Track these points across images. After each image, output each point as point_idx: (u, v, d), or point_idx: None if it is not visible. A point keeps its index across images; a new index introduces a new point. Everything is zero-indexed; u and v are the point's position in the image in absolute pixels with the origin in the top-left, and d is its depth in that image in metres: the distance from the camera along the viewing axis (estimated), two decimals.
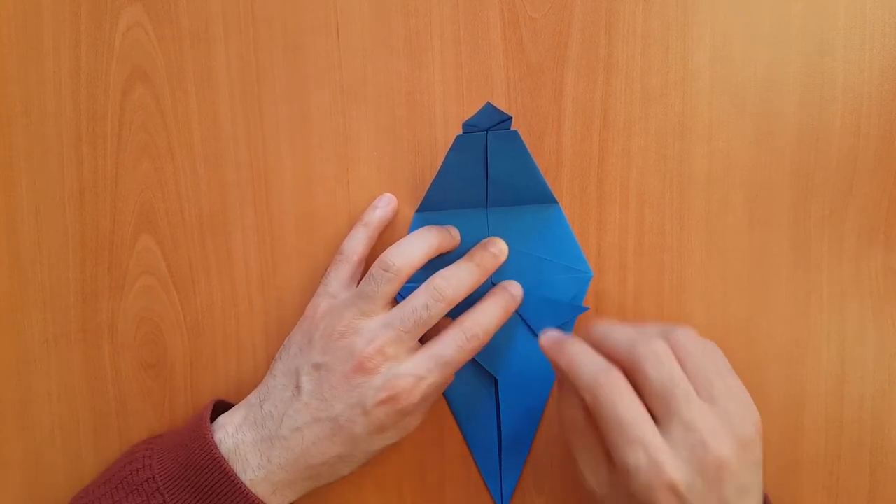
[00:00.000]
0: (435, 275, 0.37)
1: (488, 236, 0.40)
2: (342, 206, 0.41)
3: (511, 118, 0.35)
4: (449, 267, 0.38)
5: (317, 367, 0.36)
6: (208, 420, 0.37)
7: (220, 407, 0.40)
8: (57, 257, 0.42)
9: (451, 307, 0.37)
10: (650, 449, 0.32)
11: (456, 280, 0.37)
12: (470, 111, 0.41)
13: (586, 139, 0.40)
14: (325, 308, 0.38)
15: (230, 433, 0.36)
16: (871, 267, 0.40)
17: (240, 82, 0.41)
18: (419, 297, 0.36)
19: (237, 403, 0.39)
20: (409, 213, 0.41)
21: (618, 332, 0.35)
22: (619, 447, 0.32)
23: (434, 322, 0.36)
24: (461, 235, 0.40)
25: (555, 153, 0.41)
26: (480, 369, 0.41)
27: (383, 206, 0.41)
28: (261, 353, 0.42)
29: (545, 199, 0.40)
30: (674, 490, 0.32)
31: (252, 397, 0.38)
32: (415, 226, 0.41)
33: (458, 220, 0.40)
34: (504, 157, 0.37)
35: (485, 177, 0.38)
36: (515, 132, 0.36)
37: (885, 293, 0.40)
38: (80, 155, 0.42)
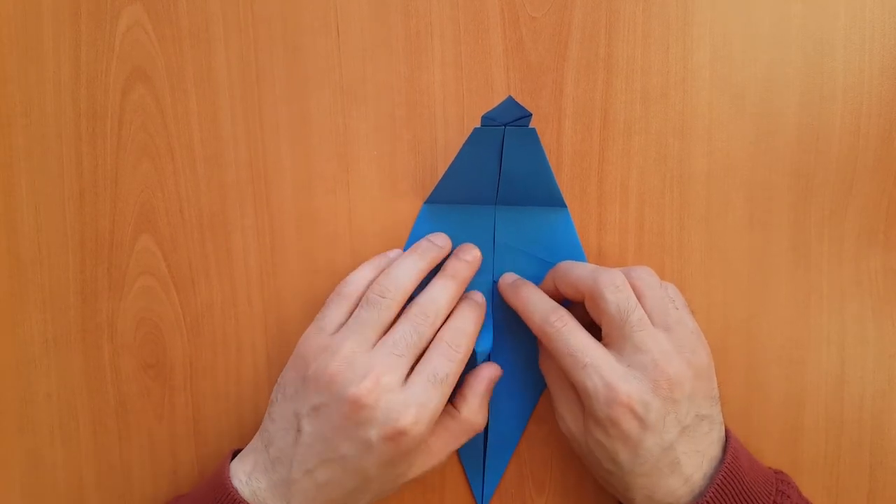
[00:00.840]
0: (414, 300, 0.37)
1: (494, 234, 0.40)
2: (342, 206, 0.41)
3: (531, 115, 0.35)
4: (426, 288, 0.37)
5: (315, 408, 0.35)
6: (228, 471, 0.36)
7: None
8: (57, 257, 0.42)
9: (439, 324, 0.36)
10: (602, 371, 0.34)
11: (433, 301, 0.37)
12: (470, 111, 0.41)
13: (586, 139, 0.40)
14: (318, 345, 0.36)
15: (244, 481, 0.35)
16: (871, 267, 0.40)
17: (240, 82, 0.41)
18: (405, 323, 0.36)
19: (245, 448, 0.38)
20: (408, 213, 0.41)
21: (580, 268, 0.37)
22: (575, 375, 0.35)
23: (424, 345, 0.36)
24: (468, 231, 0.40)
25: (555, 153, 0.41)
26: (472, 364, 0.41)
27: (396, 257, 0.40)
28: (261, 353, 0.42)
29: (555, 202, 0.40)
30: (630, 408, 0.33)
31: (257, 443, 0.37)
32: (422, 217, 0.41)
33: (466, 215, 0.40)
34: (519, 155, 0.37)
35: (497, 173, 0.38)
36: (533, 130, 0.36)
37: (885, 293, 0.40)
38: (79, 155, 0.42)
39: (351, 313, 0.37)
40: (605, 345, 0.36)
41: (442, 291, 0.37)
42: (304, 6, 0.41)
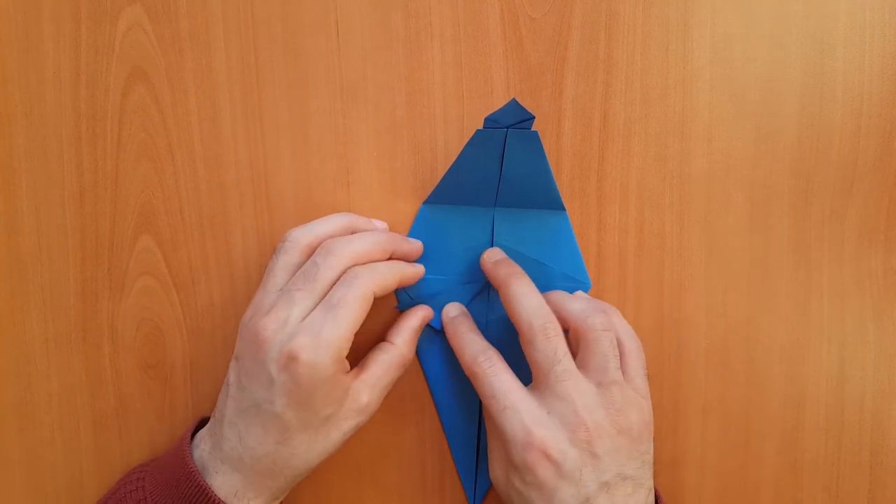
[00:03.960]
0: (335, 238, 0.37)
1: (493, 235, 0.40)
2: (342, 206, 0.41)
3: (533, 118, 0.35)
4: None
5: (236, 357, 0.36)
6: (188, 437, 0.37)
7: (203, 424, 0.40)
8: (57, 258, 0.42)
9: (342, 263, 0.35)
10: (522, 414, 0.33)
11: (346, 239, 0.36)
12: (470, 111, 0.41)
13: (586, 139, 0.40)
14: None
15: (198, 445, 0.37)
16: (871, 267, 0.40)
17: (240, 82, 0.41)
18: (310, 259, 0.36)
19: None
20: (408, 213, 0.41)
21: (527, 301, 0.36)
22: (496, 417, 0.34)
23: (324, 277, 0.35)
24: (466, 233, 0.40)
25: (555, 153, 0.41)
26: None
27: None
28: None
29: (554, 205, 0.40)
30: (546, 454, 0.33)
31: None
32: (420, 217, 0.41)
33: (465, 216, 0.40)
34: (520, 158, 0.37)
35: (498, 175, 0.38)
36: (535, 133, 0.36)
37: (885, 293, 0.40)
38: (79, 155, 0.42)
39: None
40: (532, 389, 0.35)
41: (361, 236, 0.37)
42: (304, 6, 0.41)
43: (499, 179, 0.38)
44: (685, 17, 0.39)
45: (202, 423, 0.40)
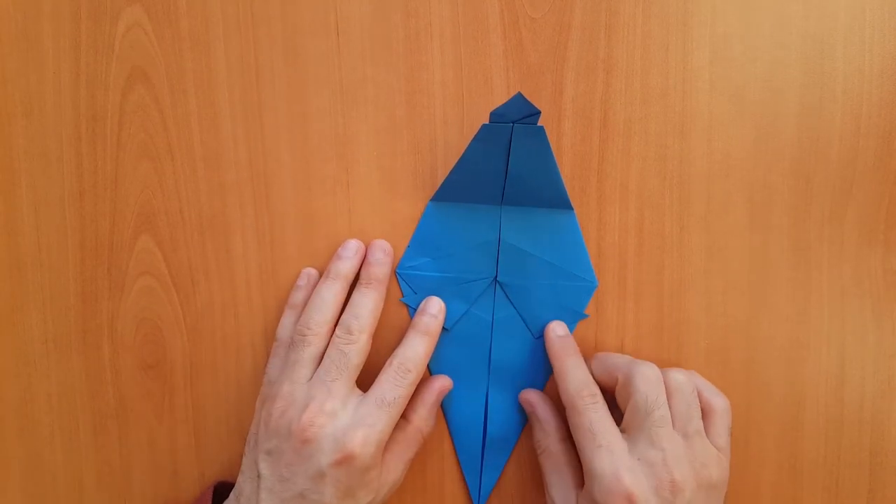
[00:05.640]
0: (343, 314, 0.38)
1: (500, 234, 0.40)
2: (342, 206, 0.41)
3: (539, 112, 0.35)
4: (347, 308, 0.39)
5: (269, 452, 0.36)
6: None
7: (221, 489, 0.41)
8: (57, 258, 0.42)
9: (366, 339, 0.37)
10: (615, 456, 0.35)
11: (353, 317, 0.38)
12: (470, 111, 0.41)
13: (586, 139, 0.40)
14: (264, 396, 0.39)
15: None
16: (871, 267, 0.40)
17: (239, 83, 0.41)
18: (331, 348, 0.37)
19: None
20: (408, 213, 0.41)
21: (619, 357, 0.38)
22: (588, 452, 0.35)
23: (356, 360, 0.37)
24: (473, 230, 0.40)
25: (555, 154, 0.40)
26: (473, 365, 0.41)
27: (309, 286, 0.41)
28: (260, 354, 0.42)
29: (561, 204, 0.40)
30: (630, 500, 0.34)
31: (230, 497, 0.38)
32: (427, 214, 0.41)
33: (471, 214, 0.40)
34: (526, 153, 0.37)
35: (504, 171, 0.38)
36: (541, 128, 0.36)
37: (885, 293, 0.40)
38: (79, 155, 0.42)
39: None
40: (623, 431, 0.36)
41: (364, 301, 0.38)
42: (304, 6, 0.41)
43: (505, 175, 0.38)
44: (685, 17, 0.39)
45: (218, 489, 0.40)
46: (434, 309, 0.40)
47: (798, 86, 0.40)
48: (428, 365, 0.41)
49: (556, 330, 0.40)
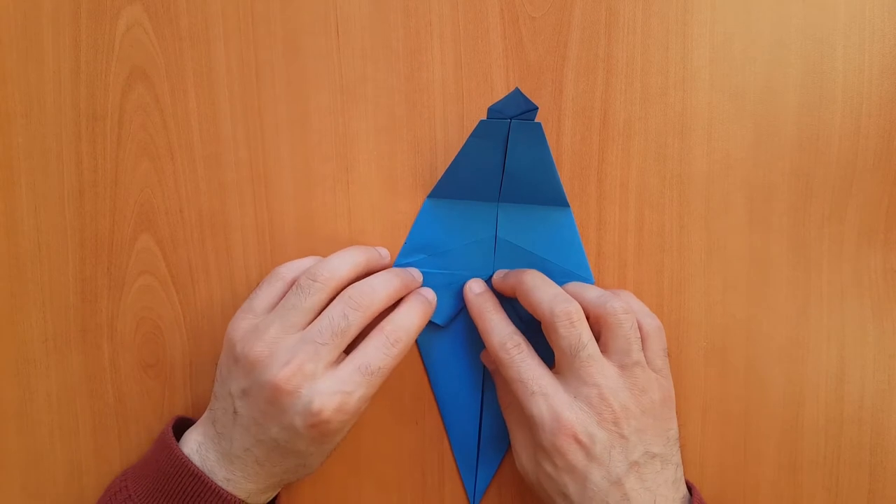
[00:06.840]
0: (350, 286, 0.36)
1: (496, 231, 0.40)
2: (342, 206, 0.41)
3: (537, 108, 0.35)
4: (366, 278, 0.37)
5: (244, 392, 0.35)
6: (171, 433, 0.37)
7: (181, 423, 0.40)
8: (57, 257, 0.42)
9: (371, 316, 0.36)
10: (550, 399, 0.34)
11: (370, 288, 0.36)
12: (470, 111, 0.41)
13: (586, 139, 0.40)
14: (245, 327, 0.36)
15: (195, 449, 0.37)
16: (871, 267, 0.40)
17: (240, 82, 0.41)
18: (335, 307, 0.35)
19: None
20: (408, 212, 0.41)
21: (543, 290, 0.36)
22: (524, 402, 0.35)
23: (354, 332, 0.35)
24: (470, 227, 0.40)
25: (555, 153, 0.41)
26: (468, 361, 0.41)
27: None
28: None
29: (558, 201, 0.40)
30: (575, 437, 0.33)
31: (206, 416, 0.38)
32: (425, 211, 0.41)
33: (468, 211, 0.40)
34: (523, 150, 0.37)
35: (501, 168, 0.38)
36: (538, 124, 0.36)
37: (885, 293, 0.40)
38: (79, 155, 0.42)
39: (281, 297, 0.37)
40: (556, 373, 0.36)
41: (381, 283, 0.37)
42: (304, 5, 0.41)
43: (502, 171, 0.38)
44: (685, 16, 0.39)
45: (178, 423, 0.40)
46: (430, 294, 0.39)
47: (798, 85, 0.40)
48: (423, 360, 0.41)
49: (474, 288, 0.39)
